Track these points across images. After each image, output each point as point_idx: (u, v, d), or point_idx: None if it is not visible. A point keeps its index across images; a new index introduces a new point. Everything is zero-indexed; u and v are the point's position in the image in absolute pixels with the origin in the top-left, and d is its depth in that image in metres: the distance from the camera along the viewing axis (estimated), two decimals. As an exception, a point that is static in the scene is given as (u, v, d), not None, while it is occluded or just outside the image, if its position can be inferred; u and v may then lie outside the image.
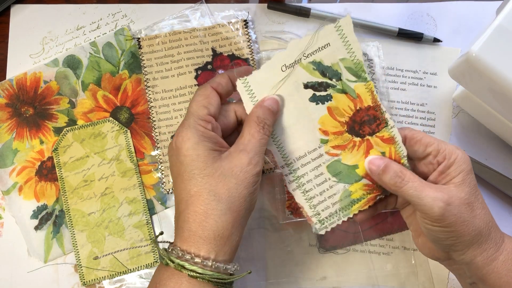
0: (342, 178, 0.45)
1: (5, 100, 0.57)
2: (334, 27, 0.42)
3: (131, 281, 0.54)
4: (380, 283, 0.54)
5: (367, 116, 0.44)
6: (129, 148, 0.56)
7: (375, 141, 0.44)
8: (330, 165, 0.45)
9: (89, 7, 0.60)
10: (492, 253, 0.42)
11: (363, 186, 0.45)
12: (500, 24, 0.43)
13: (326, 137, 0.44)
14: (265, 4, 0.59)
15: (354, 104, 0.44)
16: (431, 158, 0.43)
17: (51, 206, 0.55)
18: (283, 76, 0.43)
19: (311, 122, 0.44)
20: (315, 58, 0.43)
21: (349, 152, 0.45)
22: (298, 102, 0.44)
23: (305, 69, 0.43)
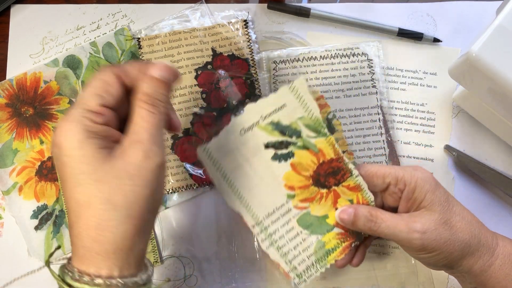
0: (314, 230, 0.46)
1: (5, 100, 0.57)
2: (289, 89, 0.43)
3: (131, 281, 0.54)
4: (380, 283, 0.54)
5: (331, 168, 0.45)
6: (129, 148, 0.56)
7: (341, 190, 0.45)
8: (300, 218, 0.45)
9: (89, 7, 0.60)
10: (487, 259, 0.42)
11: (336, 235, 0.46)
12: (500, 24, 0.43)
13: (292, 192, 0.45)
14: (265, 4, 0.59)
15: (317, 158, 0.45)
16: (392, 187, 0.43)
17: (51, 206, 0.55)
18: (242, 140, 0.43)
19: (275, 179, 0.45)
20: (273, 118, 0.44)
21: (317, 203, 0.46)
22: (261, 162, 0.44)
23: (264, 130, 0.44)
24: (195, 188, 0.55)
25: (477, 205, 0.46)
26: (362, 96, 0.56)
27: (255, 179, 0.44)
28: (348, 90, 0.56)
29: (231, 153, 0.44)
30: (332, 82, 0.56)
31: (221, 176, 0.44)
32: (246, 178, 0.44)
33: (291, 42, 0.59)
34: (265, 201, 0.45)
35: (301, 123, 0.44)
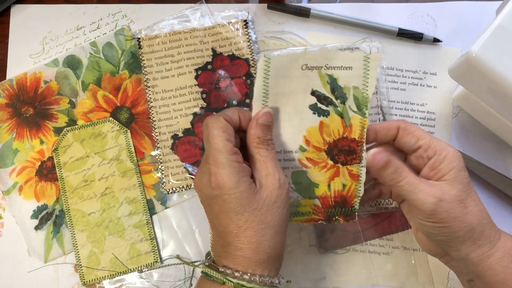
0: (299, 189, 0.46)
1: (5, 100, 0.57)
2: (364, 56, 0.44)
3: (131, 281, 0.54)
4: (380, 283, 0.54)
5: (348, 147, 0.46)
6: (129, 148, 0.56)
7: (343, 171, 0.46)
8: (296, 172, 0.46)
9: (89, 7, 0.60)
10: (487, 250, 0.42)
11: (312, 205, 0.47)
12: (500, 24, 0.43)
13: (306, 146, 0.46)
14: (265, 4, 0.59)
15: (343, 131, 0.45)
16: (422, 151, 0.44)
17: (51, 206, 0.55)
18: (300, 73, 0.44)
19: (300, 126, 0.45)
20: (334, 73, 0.44)
21: (318, 170, 0.46)
22: (300, 103, 0.45)
23: (321, 78, 0.44)
24: (195, 188, 0.55)
25: (477, 205, 0.47)
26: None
27: (287, 114, 0.45)
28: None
29: (285, 78, 0.44)
30: (332, 82, 0.56)
31: (263, 92, 0.44)
32: (281, 108, 0.44)
33: (291, 42, 0.59)
34: (281, 137, 0.45)
35: (352, 92, 0.45)
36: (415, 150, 0.44)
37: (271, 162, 0.42)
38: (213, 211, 0.42)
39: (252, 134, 0.42)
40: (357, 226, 0.54)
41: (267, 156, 0.42)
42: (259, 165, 0.42)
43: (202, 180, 0.42)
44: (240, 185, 0.40)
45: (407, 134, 0.44)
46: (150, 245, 0.54)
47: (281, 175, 0.42)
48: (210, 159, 0.41)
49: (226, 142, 0.41)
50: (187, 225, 0.55)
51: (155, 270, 0.54)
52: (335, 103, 0.45)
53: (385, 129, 0.45)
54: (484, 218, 0.42)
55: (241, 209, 0.40)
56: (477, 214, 0.42)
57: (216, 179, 0.40)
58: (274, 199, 0.41)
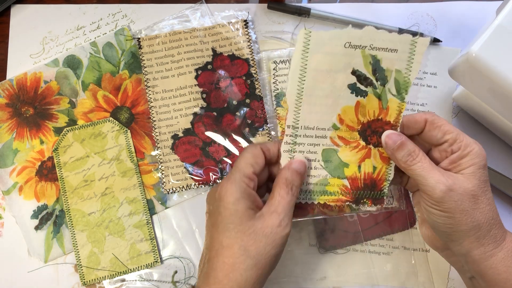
0: (329, 167, 0.46)
1: (5, 100, 0.57)
2: (411, 40, 0.43)
3: (131, 281, 0.54)
4: (380, 283, 0.54)
5: (382, 129, 0.45)
6: (129, 148, 0.56)
7: (374, 153, 0.45)
8: (327, 150, 0.46)
9: (89, 7, 0.61)
10: (490, 249, 0.42)
11: (341, 185, 0.46)
12: (500, 24, 0.43)
13: (339, 125, 0.45)
14: (265, 4, 0.59)
15: (379, 113, 0.45)
16: (447, 145, 0.43)
17: (51, 206, 0.55)
18: (342, 51, 0.42)
19: (336, 104, 0.44)
20: (377, 54, 0.43)
21: (349, 150, 0.46)
22: (338, 81, 0.44)
23: (364, 58, 0.43)
24: (195, 187, 0.55)
25: (477, 205, 0.46)
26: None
27: (323, 90, 0.44)
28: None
29: (325, 54, 0.42)
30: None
31: (300, 66, 0.43)
32: (317, 84, 0.44)
33: (291, 42, 0.59)
34: (314, 114, 0.45)
35: (394, 75, 0.44)
36: (441, 144, 0.44)
37: (284, 205, 0.42)
38: (209, 223, 0.44)
39: (282, 174, 0.44)
40: (357, 226, 0.54)
41: (285, 198, 0.42)
42: (273, 201, 0.42)
43: (212, 191, 0.44)
44: (238, 204, 0.41)
45: (434, 127, 0.44)
46: (150, 245, 0.54)
47: (287, 219, 0.42)
48: (228, 175, 0.43)
49: (248, 165, 0.43)
50: (187, 225, 0.55)
51: (155, 270, 0.54)
52: (375, 85, 0.44)
53: (412, 122, 0.45)
54: (493, 218, 0.42)
55: (230, 226, 0.41)
56: (486, 213, 0.41)
57: (221, 190, 0.42)
58: (267, 234, 0.41)
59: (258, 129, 0.56)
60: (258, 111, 0.56)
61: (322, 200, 0.46)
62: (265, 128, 0.56)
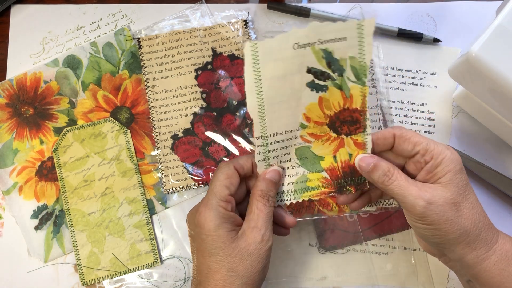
0: (305, 164, 0.46)
1: (5, 100, 0.57)
2: (357, 24, 0.42)
3: (131, 281, 0.54)
4: (380, 283, 0.54)
5: (350, 117, 0.44)
6: (129, 148, 0.56)
7: (348, 141, 0.45)
8: (299, 148, 0.46)
9: (89, 7, 0.61)
10: (483, 253, 0.42)
11: (321, 178, 0.46)
12: (500, 24, 0.43)
13: (307, 123, 0.45)
14: (265, 4, 0.59)
15: (344, 103, 0.44)
16: (419, 157, 0.43)
17: (51, 206, 0.55)
18: (292, 54, 0.42)
19: (299, 105, 0.44)
20: (328, 47, 0.42)
21: (321, 143, 0.46)
22: (295, 83, 0.43)
23: (315, 54, 0.42)
24: (195, 187, 0.55)
25: (477, 205, 0.47)
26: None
27: (283, 96, 0.43)
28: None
29: (276, 61, 0.42)
30: (332, 82, 0.56)
31: (254, 78, 0.42)
32: (276, 92, 0.43)
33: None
34: (280, 120, 0.44)
35: (349, 63, 0.43)
36: (413, 155, 0.44)
37: (263, 218, 0.43)
38: (194, 247, 0.45)
39: (257, 186, 0.44)
40: (357, 226, 0.54)
41: (262, 211, 0.43)
42: (251, 216, 0.44)
43: (192, 215, 0.45)
44: (219, 229, 0.42)
45: (403, 141, 0.44)
46: (150, 245, 0.54)
47: (268, 233, 0.43)
48: (204, 199, 0.44)
49: (223, 188, 0.43)
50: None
51: (155, 270, 0.54)
52: (333, 77, 0.43)
53: (381, 139, 0.45)
54: (480, 221, 0.42)
55: (214, 252, 0.42)
56: (472, 217, 0.41)
57: (199, 218, 0.43)
58: (251, 251, 0.42)
59: (258, 129, 0.56)
60: (258, 111, 0.56)
61: (305, 197, 0.47)
62: (265, 128, 0.56)
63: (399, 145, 0.44)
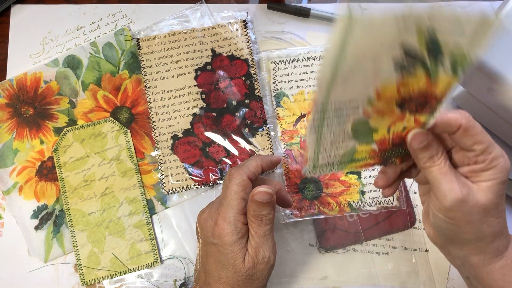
0: (357, 136, 0.42)
1: (5, 100, 0.57)
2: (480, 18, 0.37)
3: (131, 281, 0.54)
4: (381, 282, 0.54)
5: (425, 101, 0.40)
6: (129, 148, 0.56)
7: (408, 118, 0.41)
8: (357, 121, 0.41)
9: (89, 7, 0.61)
10: (489, 257, 0.42)
11: (369, 150, 0.43)
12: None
13: (376, 99, 0.40)
14: (265, 4, 0.59)
15: (426, 87, 0.40)
16: (473, 155, 0.41)
17: (51, 206, 0.55)
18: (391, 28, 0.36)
19: (375, 78, 0.38)
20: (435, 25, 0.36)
21: (381, 118, 0.41)
22: (382, 55, 0.37)
23: (418, 34, 0.37)
24: (195, 188, 0.55)
25: (477, 205, 0.46)
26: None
27: (362, 67, 0.37)
28: (348, 90, 0.56)
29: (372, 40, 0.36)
30: (332, 82, 0.56)
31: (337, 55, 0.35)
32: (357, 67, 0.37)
33: (291, 42, 0.59)
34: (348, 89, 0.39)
35: (451, 49, 0.38)
36: (467, 150, 0.41)
37: (261, 238, 0.44)
38: (206, 251, 0.46)
39: (249, 207, 0.45)
40: (357, 226, 0.54)
41: (257, 232, 0.44)
42: (251, 237, 0.45)
43: (207, 222, 0.46)
44: (235, 246, 0.44)
45: (466, 135, 0.40)
46: (150, 245, 0.54)
47: (267, 253, 0.44)
48: (221, 210, 0.45)
49: (240, 200, 0.44)
50: (187, 225, 0.55)
51: (155, 270, 0.54)
52: (425, 59, 0.38)
53: (445, 124, 0.41)
54: (499, 230, 0.41)
55: (227, 265, 0.44)
56: (494, 226, 0.40)
57: (218, 230, 0.44)
58: (255, 272, 0.44)
59: (257, 129, 0.56)
60: (258, 112, 0.56)
61: (349, 168, 0.44)
62: (264, 128, 0.56)
63: (461, 137, 0.41)
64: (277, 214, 0.55)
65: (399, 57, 0.38)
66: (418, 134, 0.42)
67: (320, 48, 0.57)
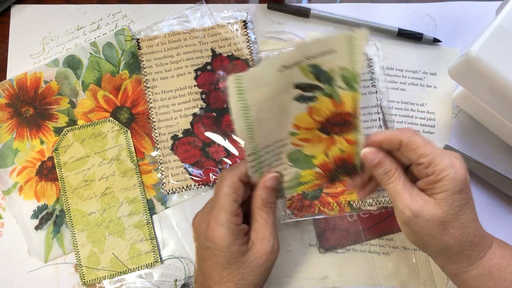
0: (298, 164, 0.46)
1: (6, 100, 0.57)
2: (348, 36, 0.41)
3: (131, 281, 0.54)
4: (381, 282, 0.54)
5: (342, 120, 0.44)
6: (129, 148, 0.56)
7: (339, 139, 0.45)
8: (292, 153, 0.46)
9: (89, 7, 0.61)
10: (464, 266, 0.42)
11: (314, 173, 0.46)
12: (500, 24, 0.43)
13: (296, 131, 0.45)
14: (265, 4, 0.59)
15: (335, 108, 0.43)
16: (422, 168, 0.42)
17: (51, 206, 0.55)
18: (278, 76, 0.41)
19: (287, 118, 0.44)
20: (316, 61, 0.42)
21: (312, 145, 0.45)
22: (283, 99, 0.43)
23: (302, 70, 0.42)
24: (195, 188, 0.55)
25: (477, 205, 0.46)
26: (362, 95, 0.56)
27: (270, 114, 0.43)
28: (348, 90, 0.56)
29: (262, 87, 0.42)
30: (331, 82, 0.56)
31: (241, 107, 0.41)
32: (264, 114, 0.43)
33: (291, 42, 0.59)
34: (269, 135, 0.44)
35: (339, 72, 0.42)
36: (417, 164, 0.43)
37: (269, 226, 0.44)
38: (202, 254, 0.45)
39: (258, 195, 0.44)
40: (357, 226, 0.55)
41: (266, 220, 0.44)
42: (257, 226, 0.44)
43: (201, 225, 0.45)
44: (232, 246, 0.43)
45: (409, 150, 0.42)
46: (150, 245, 0.54)
47: (275, 241, 0.44)
48: (213, 212, 0.44)
49: (232, 202, 0.44)
50: (187, 225, 0.55)
51: (155, 270, 0.54)
52: (321, 87, 0.43)
53: (388, 142, 0.43)
54: (467, 240, 0.42)
55: (227, 265, 0.43)
56: (458, 237, 0.41)
57: (212, 234, 0.43)
58: (262, 263, 0.43)
59: (257, 129, 0.56)
60: (258, 111, 0.56)
61: (299, 191, 0.47)
62: (264, 128, 0.56)
63: (405, 151, 0.43)
64: (277, 214, 0.55)
65: (297, 93, 0.43)
66: (371, 152, 0.44)
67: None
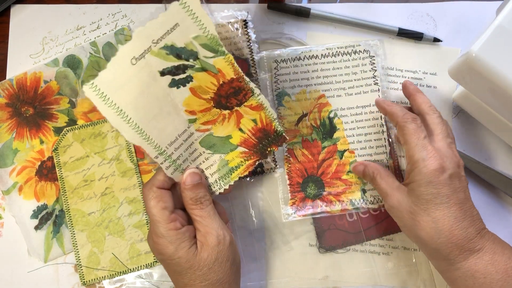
0: (217, 149, 0.45)
1: (5, 100, 0.57)
2: (180, 5, 0.39)
3: (131, 281, 0.54)
4: (382, 282, 0.54)
5: (232, 89, 0.43)
6: (129, 148, 0.56)
7: (244, 110, 0.45)
8: (203, 140, 0.45)
9: (89, 7, 0.60)
10: (444, 265, 0.44)
11: (239, 154, 0.46)
12: (500, 24, 0.43)
13: (193, 116, 0.44)
14: (265, 4, 0.59)
15: (217, 80, 0.43)
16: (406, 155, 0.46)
17: (51, 206, 0.55)
18: (135, 70, 0.40)
19: (175, 107, 0.43)
20: (166, 42, 0.40)
21: (220, 125, 0.45)
22: (158, 91, 0.41)
23: (158, 56, 0.40)
24: (195, 188, 0.55)
25: (477, 205, 0.46)
26: (364, 94, 0.56)
27: (154, 109, 0.42)
28: (350, 88, 0.56)
29: (124, 86, 0.40)
30: (333, 81, 0.56)
31: (114, 113, 0.40)
32: (144, 111, 0.41)
33: (290, 42, 0.59)
34: (166, 130, 0.43)
35: (197, 43, 0.41)
36: None
37: (207, 219, 0.44)
38: (165, 267, 0.46)
39: (184, 197, 0.44)
40: (357, 226, 0.55)
41: (202, 215, 0.44)
42: (197, 225, 0.44)
43: (150, 243, 0.45)
44: (177, 252, 0.42)
45: (400, 134, 0.47)
46: (150, 245, 0.54)
47: (220, 231, 0.43)
48: (151, 228, 0.44)
49: (162, 211, 0.43)
50: (187, 225, 0.55)
51: (155, 270, 0.54)
52: (190, 64, 0.41)
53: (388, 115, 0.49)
54: (440, 238, 0.42)
55: (182, 271, 0.43)
56: (429, 231, 0.43)
57: (158, 247, 0.43)
58: (215, 257, 0.43)
59: (258, 129, 0.56)
60: (258, 111, 0.56)
61: (235, 178, 0.46)
62: (265, 128, 0.56)
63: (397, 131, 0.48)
64: (277, 213, 0.55)
65: (168, 79, 0.42)
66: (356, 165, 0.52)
67: (322, 46, 0.57)
